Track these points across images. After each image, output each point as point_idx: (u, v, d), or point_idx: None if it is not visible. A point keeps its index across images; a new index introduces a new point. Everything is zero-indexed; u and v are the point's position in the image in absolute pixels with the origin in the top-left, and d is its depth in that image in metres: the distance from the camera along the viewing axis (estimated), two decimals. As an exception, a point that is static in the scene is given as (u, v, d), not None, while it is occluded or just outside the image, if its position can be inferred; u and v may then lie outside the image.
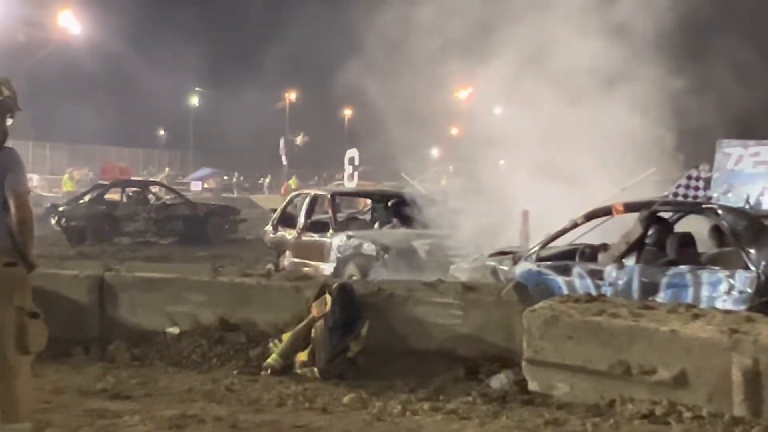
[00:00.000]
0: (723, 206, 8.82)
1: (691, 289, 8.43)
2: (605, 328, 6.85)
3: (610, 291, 8.78)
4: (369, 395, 7.20)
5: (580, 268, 9.25)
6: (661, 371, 6.54)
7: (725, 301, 8.14)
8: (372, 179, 35.90)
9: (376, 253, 12.39)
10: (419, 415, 6.69)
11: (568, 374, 6.99)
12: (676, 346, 6.52)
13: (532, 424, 6.42)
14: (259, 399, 7.22)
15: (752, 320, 6.69)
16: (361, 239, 13.01)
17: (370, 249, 12.55)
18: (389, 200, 15.30)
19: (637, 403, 6.56)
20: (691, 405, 6.38)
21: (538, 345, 7.13)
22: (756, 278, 8.06)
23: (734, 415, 6.18)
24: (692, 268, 8.57)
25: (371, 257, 12.44)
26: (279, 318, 8.55)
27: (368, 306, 8.29)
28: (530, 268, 9.56)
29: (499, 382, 7.39)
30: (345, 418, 6.71)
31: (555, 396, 6.99)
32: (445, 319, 8.22)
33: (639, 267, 8.87)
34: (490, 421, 6.51)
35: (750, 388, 6.16)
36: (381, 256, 12.27)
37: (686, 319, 6.79)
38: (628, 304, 7.42)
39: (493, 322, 8.05)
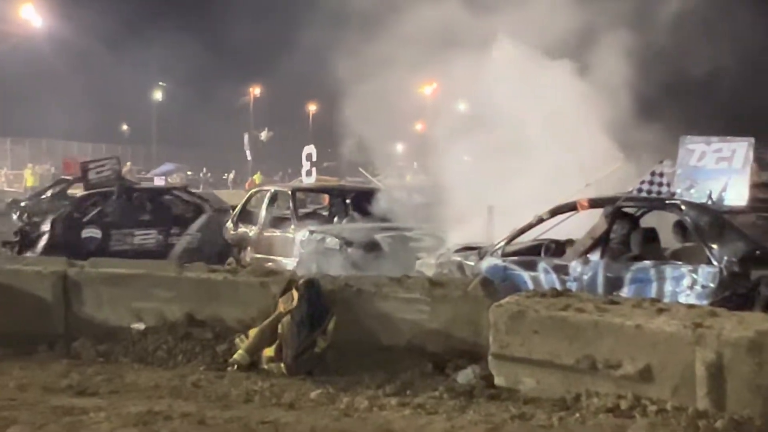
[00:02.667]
0: (686, 202, 8.91)
1: (655, 284, 8.51)
2: (571, 323, 6.90)
3: (576, 286, 8.84)
4: (336, 391, 7.21)
5: (545, 264, 9.32)
6: (626, 365, 6.60)
7: (688, 295, 8.22)
8: (337, 175, 35.87)
9: (339, 248, 12.44)
10: (387, 411, 6.71)
11: (535, 369, 7.03)
12: (641, 340, 6.58)
13: (498, 418, 6.46)
14: (226, 395, 7.20)
15: (716, 315, 6.75)
16: (324, 234, 13.06)
17: (333, 243, 12.59)
18: (348, 195, 15.49)
19: (603, 397, 6.61)
20: (655, 399, 6.44)
21: (504, 340, 7.17)
22: (719, 273, 8.15)
23: (698, 408, 6.25)
24: (656, 263, 8.66)
25: (335, 251, 12.47)
26: (246, 314, 8.53)
27: (335, 301, 8.29)
28: (496, 263, 9.61)
29: (466, 376, 7.42)
30: (312, 413, 6.71)
31: (521, 390, 7.03)
32: (412, 314, 8.23)
33: (604, 262, 8.95)
34: (457, 416, 6.54)
35: (713, 382, 6.23)
36: (344, 250, 12.32)
37: (651, 314, 6.85)
38: (594, 299, 7.48)
39: (460, 318, 8.08)
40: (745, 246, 8.21)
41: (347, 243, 12.47)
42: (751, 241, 8.27)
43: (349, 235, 12.83)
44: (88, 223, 16.90)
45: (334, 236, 12.82)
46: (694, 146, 9.24)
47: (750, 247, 8.19)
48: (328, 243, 12.74)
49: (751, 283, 7.94)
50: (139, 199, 18.24)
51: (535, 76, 12.37)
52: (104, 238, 16.74)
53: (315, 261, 12.43)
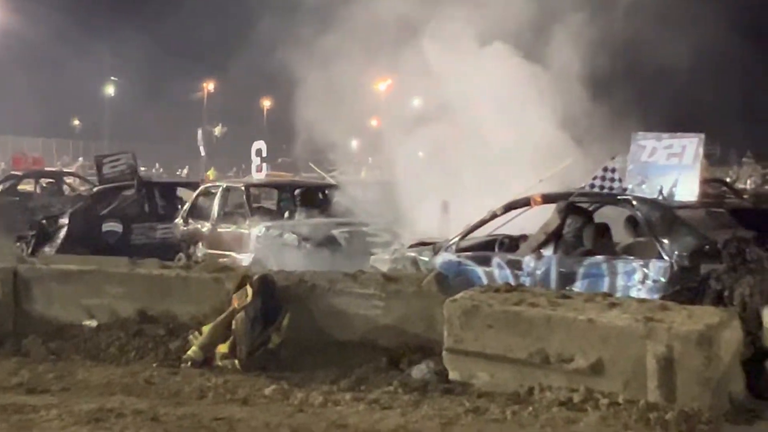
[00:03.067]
0: (637, 197, 9.00)
1: (607, 279, 8.59)
2: (524, 318, 6.95)
3: (529, 281, 8.90)
4: (290, 386, 7.18)
5: (499, 259, 9.36)
6: (578, 359, 6.66)
7: (640, 290, 8.31)
8: (292, 171, 35.78)
9: (297, 243, 12.42)
10: (341, 406, 6.71)
11: (489, 363, 7.07)
12: (593, 334, 6.64)
13: (452, 412, 6.49)
14: (179, 392, 7.16)
15: (666, 308, 6.85)
16: (281, 229, 13.03)
17: (290, 239, 12.57)
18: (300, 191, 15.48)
19: (556, 390, 6.67)
20: (607, 392, 6.51)
21: (458, 335, 7.20)
22: (669, 267, 8.25)
23: (649, 401, 6.33)
24: (608, 258, 8.74)
25: (292, 247, 12.45)
26: (199, 310, 8.49)
27: (290, 297, 8.28)
28: (450, 258, 9.64)
29: (420, 371, 7.44)
30: (266, 409, 6.69)
31: (475, 385, 7.07)
32: (366, 309, 8.25)
33: (557, 257, 9.02)
34: (411, 411, 6.56)
35: (664, 375, 6.31)
36: (302, 245, 12.32)
37: (603, 308, 6.92)
38: (547, 293, 7.54)
39: (415, 313, 8.11)
40: (694, 241, 8.32)
41: (305, 238, 12.47)
42: (701, 236, 8.39)
43: (306, 230, 12.80)
44: (108, 216, 16.57)
45: (291, 232, 12.78)
46: (646, 142, 9.35)
47: (699, 242, 8.30)
48: (285, 239, 12.70)
49: (701, 277, 8.05)
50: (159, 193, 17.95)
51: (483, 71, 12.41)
52: (125, 232, 16.42)
53: (271, 256, 12.39)
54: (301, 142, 17.04)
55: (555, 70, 12.42)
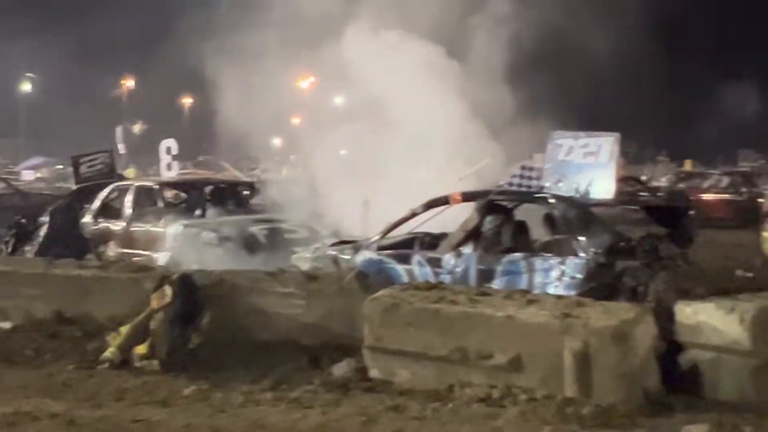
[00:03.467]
0: (555, 195, 9.13)
1: (526, 276, 8.70)
2: (444, 315, 7.01)
3: (449, 279, 8.95)
4: (211, 387, 7.14)
5: (419, 257, 9.40)
6: (497, 356, 6.73)
7: (557, 286, 8.43)
8: (214, 168, 35.47)
9: (216, 241, 12.29)
10: (262, 405, 6.70)
11: (409, 361, 7.11)
12: (511, 331, 6.72)
13: (373, 410, 6.51)
14: (96, 394, 7.06)
15: (583, 305, 6.95)
16: (199, 227, 12.90)
17: (209, 237, 12.44)
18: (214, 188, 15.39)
19: (475, 387, 6.74)
20: (526, 388, 6.59)
21: (379, 333, 7.23)
22: (586, 264, 8.39)
23: (566, 396, 6.43)
24: (526, 255, 8.85)
25: (211, 245, 12.30)
26: (117, 310, 8.37)
27: (210, 297, 8.23)
28: (371, 257, 9.64)
29: (341, 370, 7.46)
30: (186, 410, 6.64)
31: (396, 382, 7.09)
32: (287, 308, 8.25)
33: (476, 255, 9.10)
34: (332, 409, 6.58)
35: (580, 370, 6.41)
36: (221, 243, 12.19)
37: (521, 305, 7.00)
38: (466, 291, 7.60)
39: (336, 311, 8.13)
40: (610, 238, 8.48)
41: (223, 236, 12.36)
42: (616, 233, 8.55)
43: (224, 228, 12.69)
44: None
45: (209, 230, 12.67)
46: (563, 141, 9.49)
47: (615, 239, 8.46)
48: (203, 237, 12.56)
49: (616, 273, 8.20)
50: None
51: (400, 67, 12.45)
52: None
53: (189, 255, 12.26)
54: (222, 140, 16.88)
55: (474, 68, 12.50)
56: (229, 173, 19.91)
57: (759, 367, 6.65)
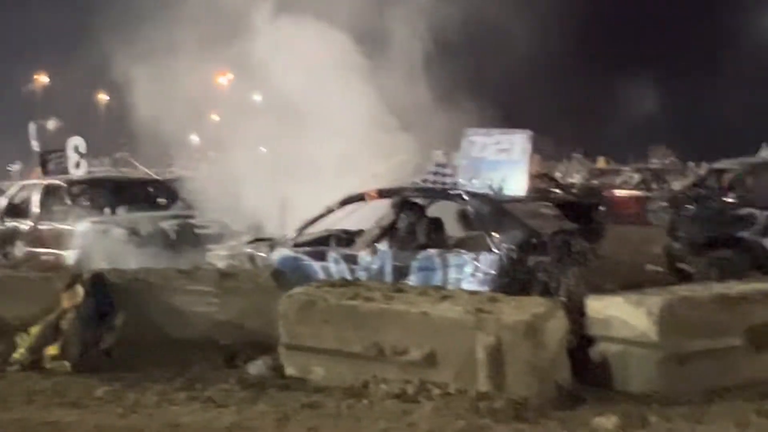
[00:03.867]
0: (468, 192, 9.22)
1: (440, 272, 8.77)
2: (360, 312, 7.03)
3: (365, 275, 8.97)
4: (124, 387, 7.06)
5: (335, 254, 9.41)
6: (412, 351, 6.77)
7: (471, 282, 8.52)
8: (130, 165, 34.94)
9: (126, 238, 12.25)
10: (176, 405, 6.64)
11: (325, 358, 7.12)
12: (426, 326, 6.77)
13: (289, 408, 6.51)
14: (5, 397, 6.94)
15: (496, 300, 7.04)
16: (108, 224, 12.79)
17: (119, 234, 12.37)
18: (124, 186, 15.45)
19: (390, 383, 6.77)
20: (440, 383, 6.65)
21: (295, 330, 7.22)
22: (499, 260, 8.49)
23: (479, 390, 6.50)
24: (441, 251, 8.92)
25: (121, 242, 12.24)
26: (27, 311, 8.20)
27: (123, 296, 8.12)
28: (287, 254, 9.61)
29: (257, 368, 7.44)
30: (98, 411, 6.55)
31: (312, 379, 7.11)
32: (203, 307, 8.19)
33: (391, 251, 9.14)
34: (247, 408, 6.55)
35: (493, 365, 6.49)
36: (131, 240, 12.18)
37: (435, 301, 7.05)
38: (382, 287, 7.64)
39: (252, 309, 8.10)
40: (522, 234, 8.59)
41: (134, 233, 12.32)
42: (529, 229, 8.67)
43: (134, 224, 12.62)
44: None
45: (119, 227, 12.57)
46: (476, 138, 9.59)
47: (527, 235, 8.57)
48: (113, 234, 12.45)
49: (529, 268, 8.32)
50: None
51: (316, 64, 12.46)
52: None
53: (98, 252, 12.10)
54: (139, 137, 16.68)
55: (389, 64, 12.55)
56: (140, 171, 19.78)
57: (665, 358, 6.84)
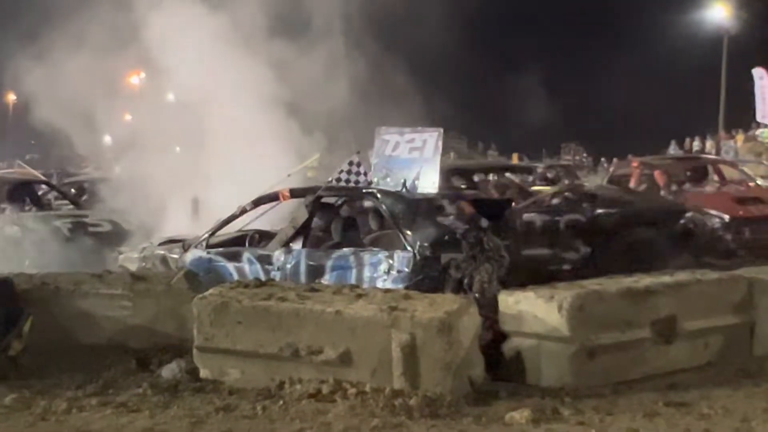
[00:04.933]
0: (382, 190, 9.24)
1: (355, 271, 8.77)
2: (274, 312, 6.98)
3: (279, 275, 8.95)
4: (33, 394, 6.89)
5: (249, 254, 9.36)
6: (327, 351, 6.75)
7: (386, 280, 8.55)
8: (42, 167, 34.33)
9: (20, 234, 12.51)
10: (87, 411, 6.50)
11: (240, 359, 7.06)
12: (340, 326, 6.76)
13: (203, 411, 6.44)
14: None
15: (410, 297, 7.07)
16: (1, 222, 12.99)
17: (12, 231, 12.62)
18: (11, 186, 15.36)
19: (306, 383, 6.74)
20: (355, 381, 6.64)
21: (208, 332, 7.14)
22: (412, 258, 8.53)
23: (395, 388, 6.51)
24: (355, 250, 8.93)
25: (15, 239, 12.49)
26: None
27: (31, 301, 7.94)
28: (201, 255, 9.54)
29: (170, 371, 7.33)
30: (6, 420, 6.38)
31: (227, 382, 7.03)
32: (114, 311, 8.08)
33: (306, 251, 9.12)
34: (160, 412, 6.46)
35: (408, 362, 6.51)
36: (25, 237, 12.40)
37: (350, 300, 7.05)
38: (296, 287, 7.61)
39: (165, 312, 8.01)
40: (435, 231, 8.65)
41: (28, 231, 12.52)
42: (442, 227, 8.73)
43: (28, 222, 12.84)
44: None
45: (13, 224, 12.79)
46: (389, 137, 9.61)
47: (440, 232, 8.63)
48: (6, 231, 12.67)
49: (441, 266, 8.38)
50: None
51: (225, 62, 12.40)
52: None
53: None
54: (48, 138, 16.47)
55: (305, 65, 12.54)
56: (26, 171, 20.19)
57: (576, 352, 6.96)
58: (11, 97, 74.75)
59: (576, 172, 28.42)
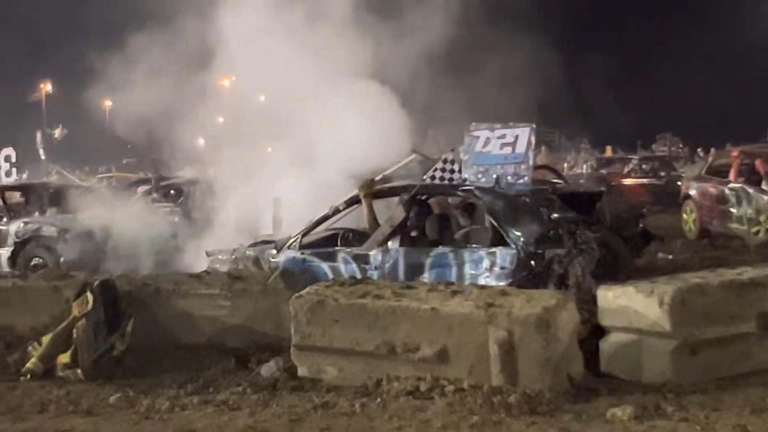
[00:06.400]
0: (480, 187, 9.19)
1: (455, 268, 8.73)
2: (370, 310, 6.99)
3: (377, 274, 8.94)
4: (137, 394, 7.04)
5: (345, 254, 9.37)
6: (424, 348, 6.75)
7: (488, 277, 8.50)
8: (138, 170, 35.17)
9: (57, 234, 13.48)
10: (189, 410, 6.61)
11: (337, 357, 7.10)
12: (437, 323, 6.74)
13: (301, 409, 6.49)
14: (18, 406, 6.90)
15: (506, 294, 7.01)
16: (40, 223, 14.13)
17: (50, 231, 13.65)
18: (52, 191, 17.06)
19: (403, 380, 6.74)
20: (453, 379, 6.62)
21: (305, 330, 7.19)
22: (516, 254, 8.46)
23: (493, 385, 6.47)
24: (454, 247, 8.89)
25: (53, 239, 13.51)
26: (38, 320, 8.21)
27: (133, 302, 8.11)
28: (294, 256, 9.58)
29: (269, 370, 7.42)
30: (111, 419, 6.54)
31: (324, 380, 7.08)
32: (213, 310, 8.19)
33: (404, 249, 9.11)
34: (260, 410, 6.53)
35: (506, 359, 6.47)
36: (62, 236, 13.37)
37: (445, 297, 7.03)
38: (391, 285, 7.60)
39: (262, 311, 8.10)
40: (539, 227, 8.56)
41: (64, 230, 13.47)
42: (544, 222, 8.63)
43: (64, 223, 13.86)
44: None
45: (50, 225, 13.89)
46: (479, 133, 9.53)
47: (543, 228, 8.54)
48: (44, 231, 13.63)
49: (546, 261, 8.29)
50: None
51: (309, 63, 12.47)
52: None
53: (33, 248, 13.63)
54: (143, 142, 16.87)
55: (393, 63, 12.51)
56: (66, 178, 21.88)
57: (678, 347, 6.80)
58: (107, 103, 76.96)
59: (672, 164, 27.91)
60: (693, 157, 38.07)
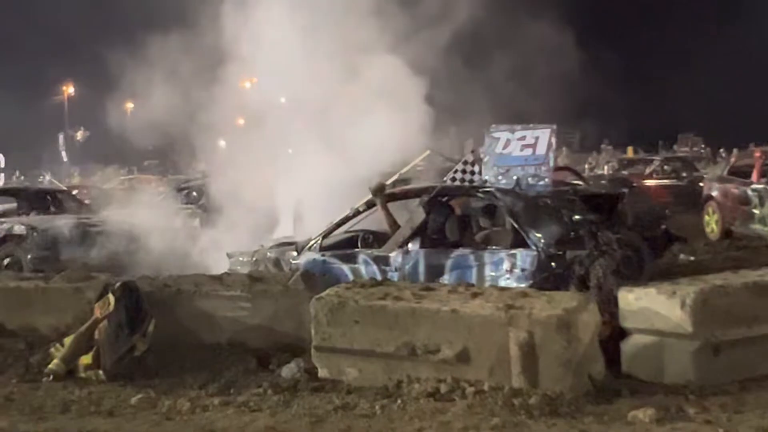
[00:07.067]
0: (500, 189, 9.15)
1: (475, 270, 8.70)
2: (390, 311, 7.00)
3: (397, 276, 8.91)
4: (158, 394, 7.08)
5: (365, 255, 9.36)
6: (444, 350, 6.74)
7: (509, 279, 8.45)
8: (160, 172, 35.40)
9: (26, 232, 14.08)
10: (210, 411, 6.64)
11: (357, 359, 7.10)
12: (457, 324, 6.73)
13: (322, 410, 6.50)
14: (41, 407, 6.95)
15: (527, 295, 6.99)
16: (12, 223, 14.81)
17: (20, 229, 14.24)
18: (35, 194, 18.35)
19: (423, 382, 6.74)
20: (473, 380, 6.61)
21: (326, 332, 7.20)
22: (537, 256, 8.43)
23: (513, 386, 6.46)
24: (475, 249, 8.87)
25: (22, 237, 14.07)
26: (60, 321, 8.29)
27: (154, 303, 8.14)
28: (315, 257, 9.57)
29: (289, 371, 7.43)
30: (133, 419, 6.57)
31: (345, 381, 7.09)
32: (234, 311, 8.21)
33: (424, 251, 9.09)
34: (281, 411, 6.55)
35: (526, 360, 6.45)
36: (31, 234, 14.00)
37: (466, 298, 7.02)
38: (411, 286, 7.60)
39: (283, 312, 8.10)
40: (559, 229, 8.52)
41: (32, 228, 14.15)
42: (564, 224, 8.59)
43: (34, 222, 14.71)
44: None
45: (19, 223, 14.57)
46: (500, 134, 9.49)
47: (564, 230, 8.51)
48: (15, 230, 14.25)
49: (567, 263, 8.26)
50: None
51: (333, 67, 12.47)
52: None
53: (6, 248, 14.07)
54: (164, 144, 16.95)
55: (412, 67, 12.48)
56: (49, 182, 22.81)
57: (700, 348, 6.77)
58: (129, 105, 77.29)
59: (694, 164, 27.74)
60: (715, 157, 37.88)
